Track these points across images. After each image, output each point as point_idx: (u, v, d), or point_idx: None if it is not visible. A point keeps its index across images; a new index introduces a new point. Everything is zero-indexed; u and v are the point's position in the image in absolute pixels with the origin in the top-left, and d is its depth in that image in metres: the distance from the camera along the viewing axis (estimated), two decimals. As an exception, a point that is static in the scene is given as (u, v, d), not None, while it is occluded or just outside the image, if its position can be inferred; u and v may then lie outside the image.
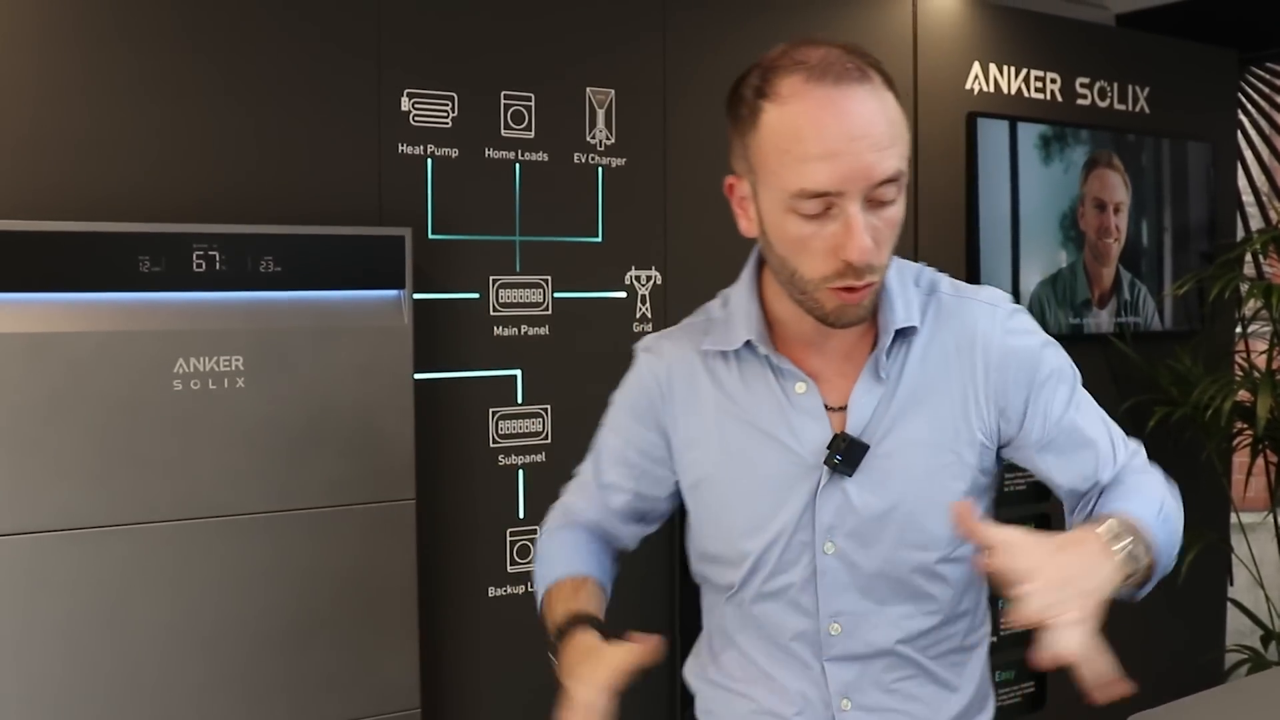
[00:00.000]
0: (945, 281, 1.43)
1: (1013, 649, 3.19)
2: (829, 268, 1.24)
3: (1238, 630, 3.82)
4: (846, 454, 1.33)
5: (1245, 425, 3.45)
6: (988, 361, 1.37)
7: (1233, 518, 3.91)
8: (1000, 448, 1.40)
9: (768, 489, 1.37)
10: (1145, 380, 3.44)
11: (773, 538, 1.37)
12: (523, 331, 2.56)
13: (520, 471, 2.58)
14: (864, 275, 1.24)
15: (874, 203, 1.23)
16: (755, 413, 1.38)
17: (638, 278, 2.69)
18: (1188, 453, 3.38)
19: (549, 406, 2.60)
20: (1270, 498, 3.70)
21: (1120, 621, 1.34)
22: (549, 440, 2.60)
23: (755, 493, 1.38)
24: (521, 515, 2.58)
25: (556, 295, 2.60)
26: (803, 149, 1.21)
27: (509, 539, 2.58)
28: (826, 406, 1.36)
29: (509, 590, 2.58)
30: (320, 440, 2.19)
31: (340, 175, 2.34)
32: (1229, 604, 3.87)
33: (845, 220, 1.22)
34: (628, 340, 2.66)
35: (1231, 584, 3.96)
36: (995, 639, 3.20)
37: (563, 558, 1.51)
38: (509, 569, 2.58)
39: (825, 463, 1.34)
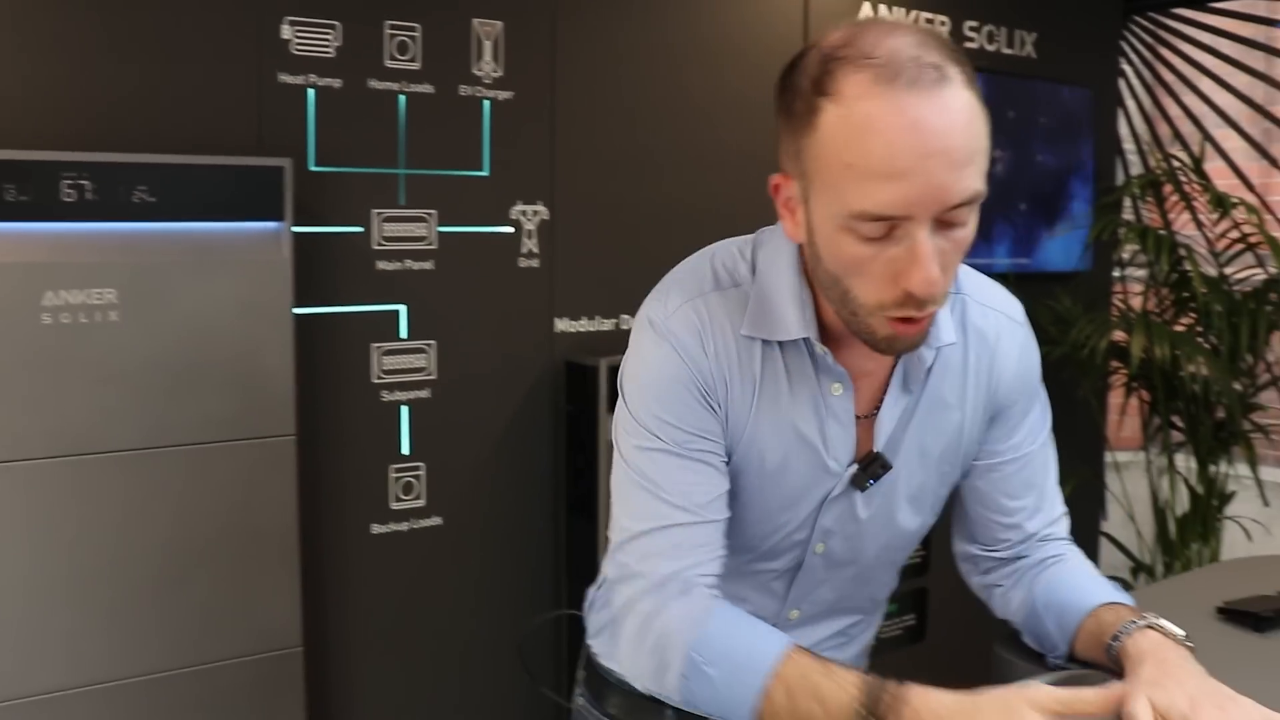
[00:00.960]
0: (968, 281, 1.34)
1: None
2: (888, 295, 1.10)
3: (1110, 564, 3.98)
4: (878, 473, 1.29)
5: (1120, 365, 3.58)
6: (1000, 380, 1.34)
7: (1107, 456, 4.07)
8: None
9: (789, 491, 1.30)
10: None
11: (774, 530, 1.33)
12: (407, 266, 2.55)
13: (404, 408, 2.58)
14: (926, 306, 1.10)
15: (945, 224, 1.07)
16: (794, 410, 1.26)
17: (524, 213, 2.70)
18: (1066, 391, 3.50)
19: (434, 342, 2.61)
20: (1143, 436, 3.86)
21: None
22: (434, 376, 2.61)
23: (776, 492, 1.30)
24: (405, 451, 2.59)
25: (441, 230, 2.59)
26: (867, 165, 1.04)
27: (392, 475, 2.59)
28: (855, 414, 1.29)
29: (392, 527, 2.60)
30: (197, 375, 2.17)
31: (217, 104, 2.30)
32: (1102, 538, 4.04)
33: (911, 246, 1.06)
34: (514, 276, 2.70)
35: (1105, 519, 4.13)
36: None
37: (749, 629, 1.20)
38: (392, 506, 2.59)
39: (853, 482, 1.29)
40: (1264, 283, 3.47)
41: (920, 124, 1.02)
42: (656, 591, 1.20)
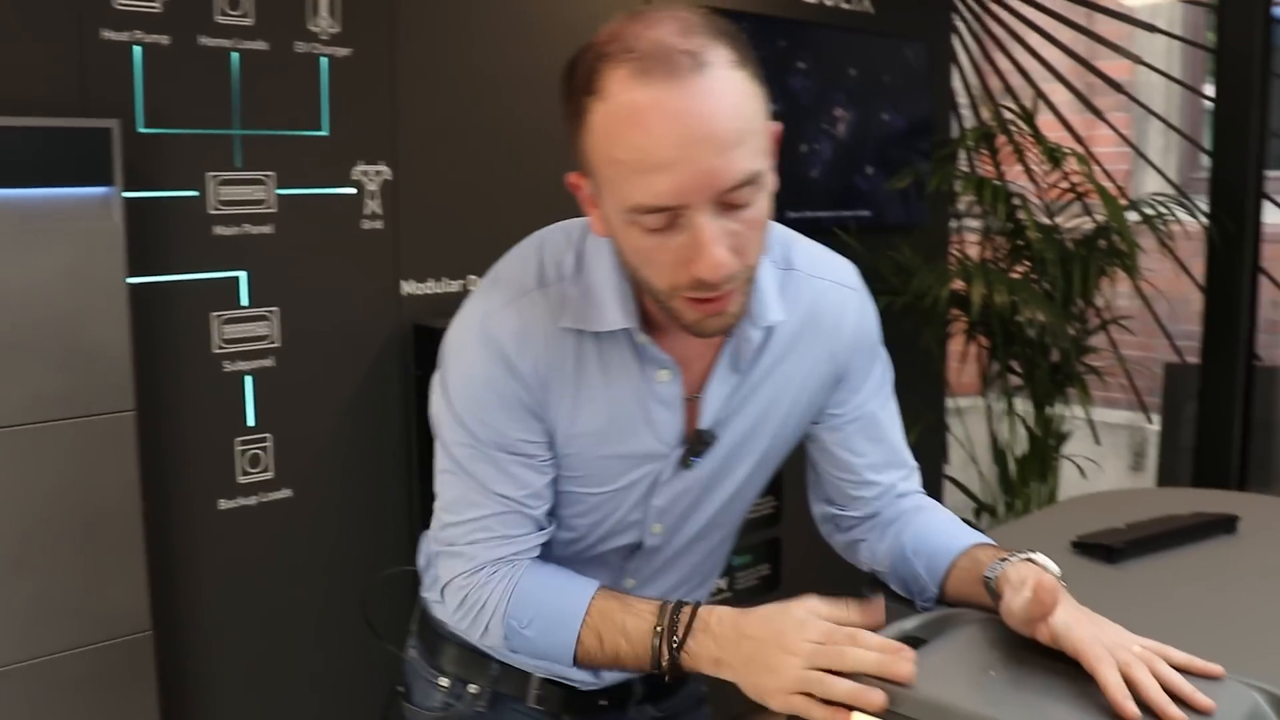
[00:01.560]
0: (798, 252, 1.37)
1: (749, 533, 3.35)
2: (681, 280, 1.13)
3: (954, 505, 4.10)
4: (697, 453, 1.34)
5: (961, 313, 3.69)
6: (837, 348, 1.38)
7: (949, 402, 4.20)
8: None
9: (618, 479, 1.34)
10: (869, 270, 3.60)
11: (605, 517, 1.38)
12: (246, 231, 2.47)
13: (248, 378, 2.51)
14: (721, 286, 1.13)
15: (728, 207, 1.10)
16: (618, 401, 1.29)
17: (366, 173, 2.64)
18: (908, 340, 3.59)
19: (276, 309, 2.53)
20: (981, 382, 3.99)
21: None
22: (278, 344, 2.54)
23: (602, 480, 1.34)
24: (251, 423, 2.52)
25: (281, 192, 2.51)
26: (632, 159, 1.07)
27: (238, 449, 2.51)
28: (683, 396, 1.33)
29: (240, 502, 2.52)
30: (25, 351, 2.07)
31: (36, 63, 2.18)
32: (946, 481, 4.17)
33: (694, 234, 1.09)
34: (357, 238, 2.63)
35: (948, 463, 4.27)
36: (731, 527, 3.36)
37: (555, 588, 1.31)
38: (239, 480, 2.52)
39: (681, 461, 1.34)
40: (1093, 230, 3.61)
41: (680, 113, 1.05)
42: (475, 573, 1.30)
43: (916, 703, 1.07)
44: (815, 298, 1.36)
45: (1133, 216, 3.58)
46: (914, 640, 1.19)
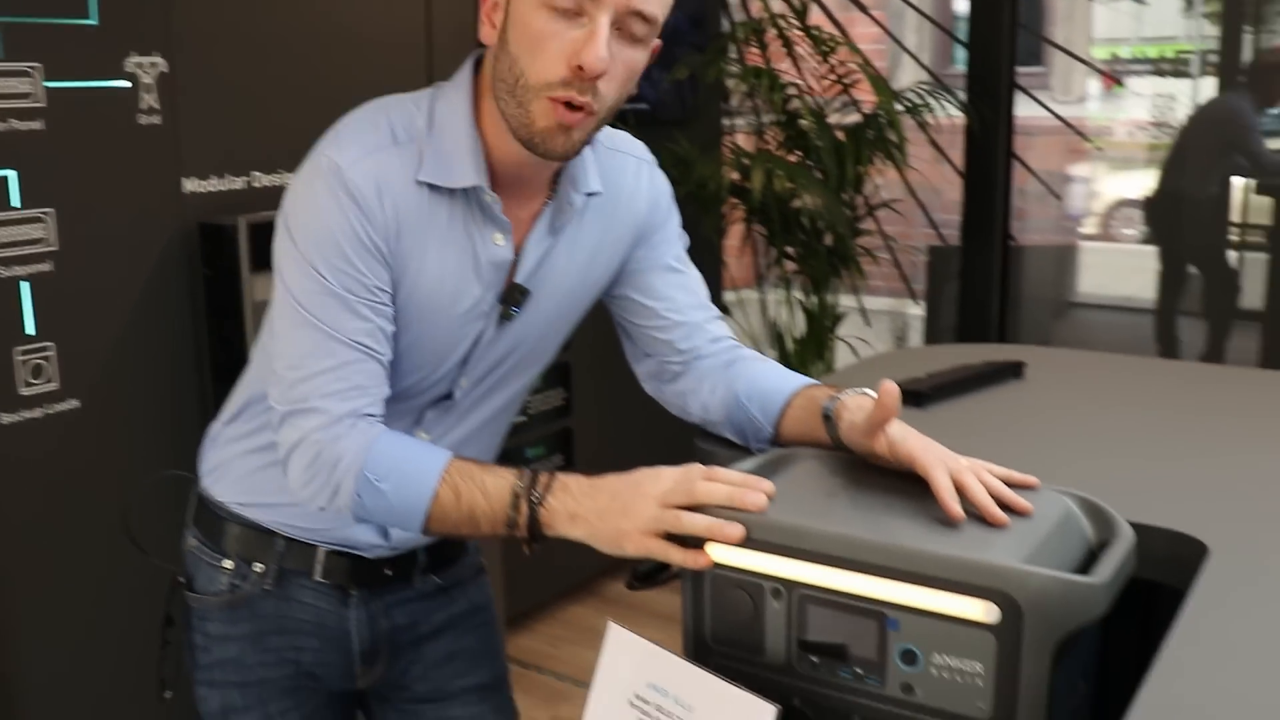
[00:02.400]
0: (600, 132, 1.44)
1: (541, 426, 3.44)
2: (558, 73, 1.24)
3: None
4: (515, 304, 1.43)
5: (738, 202, 3.81)
6: (636, 214, 1.50)
7: (730, 294, 4.34)
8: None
9: (447, 333, 1.41)
10: (650, 164, 3.69)
11: (430, 373, 1.44)
12: (12, 127, 2.33)
13: (24, 284, 2.38)
14: (587, 94, 1.25)
15: (621, 32, 1.24)
16: (456, 256, 1.38)
17: (140, 65, 2.52)
18: (689, 229, 3.67)
19: (52, 210, 2.41)
20: (756, 271, 4.14)
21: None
22: (55, 248, 2.42)
23: (435, 335, 1.41)
24: (30, 331, 2.40)
25: (49, 85, 2.38)
26: None
27: (18, 359, 2.39)
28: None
29: (23, 415, 2.41)
30: None
31: None
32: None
33: (592, 30, 1.22)
34: (135, 134, 2.52)
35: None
36: (526, 418, 3.42)
37: (414, 447, 1.36)
38: (21, 392, 2.40)
39: (502, 316, 1.43)
40: (865, 118, 3.77)
41: None
42: (331, 426, 1.31)
43: (765, 528, 1.14)
44: (616, 169, 1.48)
45: (895, 108, 3.75)
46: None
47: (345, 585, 1.55)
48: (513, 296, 1.43)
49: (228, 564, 1.55)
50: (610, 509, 1.23)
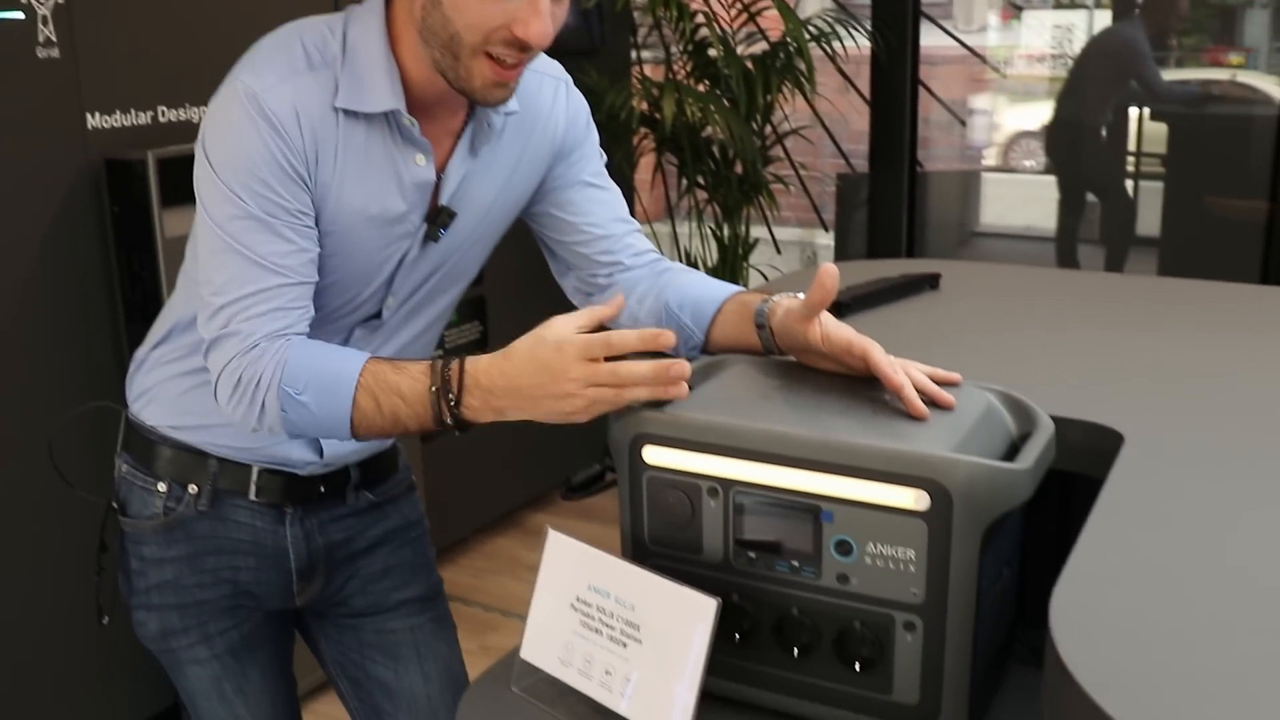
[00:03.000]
0: None
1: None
2: (498, 35, 1.26)
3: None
4: (443, 225, 1.44)
5: (649, 131, 3.81)
6: (554, 132, 1.51)
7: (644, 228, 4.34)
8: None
9: (371, 256, 1.42)
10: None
11: (356, 294, 1.45)
12: (-95, 60, 2.26)
13: (-76, 222, 2.32)
14: (527, 53, 1.29)
15: None
16: (379, 181, 1.39)
17: (37, -5, 2.44)
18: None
19: (-51, 146, 2.34)
20: (667, 203, 4.15)
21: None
22: (-46, 185, 2.35)
23: (359, 258, 1.42)
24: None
25: (-58, 16, 2.30)
26: None
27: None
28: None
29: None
30: None
31: None
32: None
33: (533, 1, 1.25)
34: (34, 69, 2.45)
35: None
36: (441, 352, 3.41)
37: (326, 356, 1.34)
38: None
39: (427, 236, 1.44)
40: (772, 46, 3.78)
41: None
42: (249, 351, 1.31)
43: (700, 428, 1.16)
44: (534, 89, 1.50)
45: (803, 35, 3.77)
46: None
47: (280, 503, 1.56)
48: (439, 218, 1.44)
49: (161, 487, 1.55)
50: (536, 393, 1.22)
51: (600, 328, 1.25)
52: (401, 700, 1.69)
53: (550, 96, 1.52)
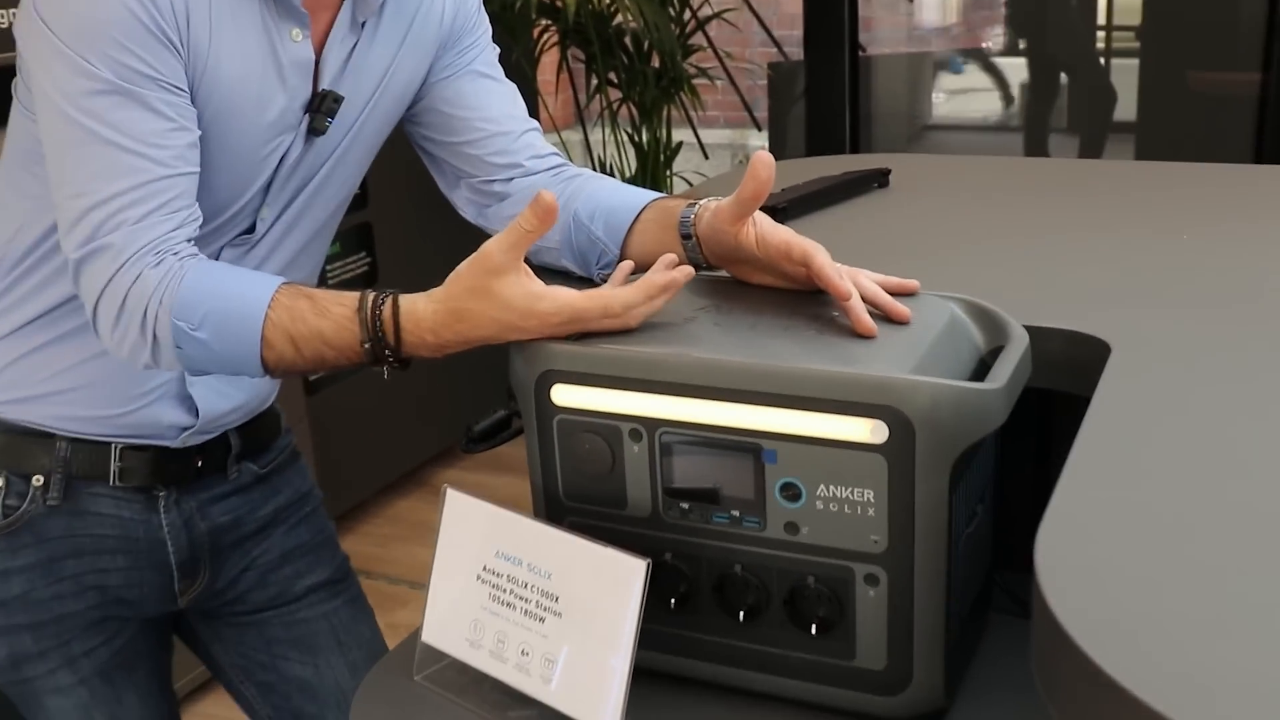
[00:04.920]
0: None
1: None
2: None
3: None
4: (330, 113, 1.39)
5: (550, 23, 3.74)
6: (443, 15, 1.48)
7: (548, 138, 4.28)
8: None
9: (250, 153, 1.36)
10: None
11: (230, 200, 1.37)
12: None
13: None
14: None
15: None
16: (250, 54, 1.32)
17: None
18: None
19: None
20: (576, 108, 4.08)
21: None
22: None
23: (237, 155, 1.35)
24: None
25: None
26: None
27: None
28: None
29: None
30: None
31: None
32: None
33: None
34: None
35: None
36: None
37: (228, 279, 1.27)
38: None
39: (313, 127, 1.39)
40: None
41: None
42: (133, 264, 1.21)
43: (616, 361, 1.12)
44: None
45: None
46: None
47: (150, 485, 1.48)
48: (324, 104, 1.38)
49: None
50: (499, 338, 1.18)
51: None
52: (328, 697, 1.64)
53: None
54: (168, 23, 1.24)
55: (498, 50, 1.57)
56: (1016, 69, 4.82)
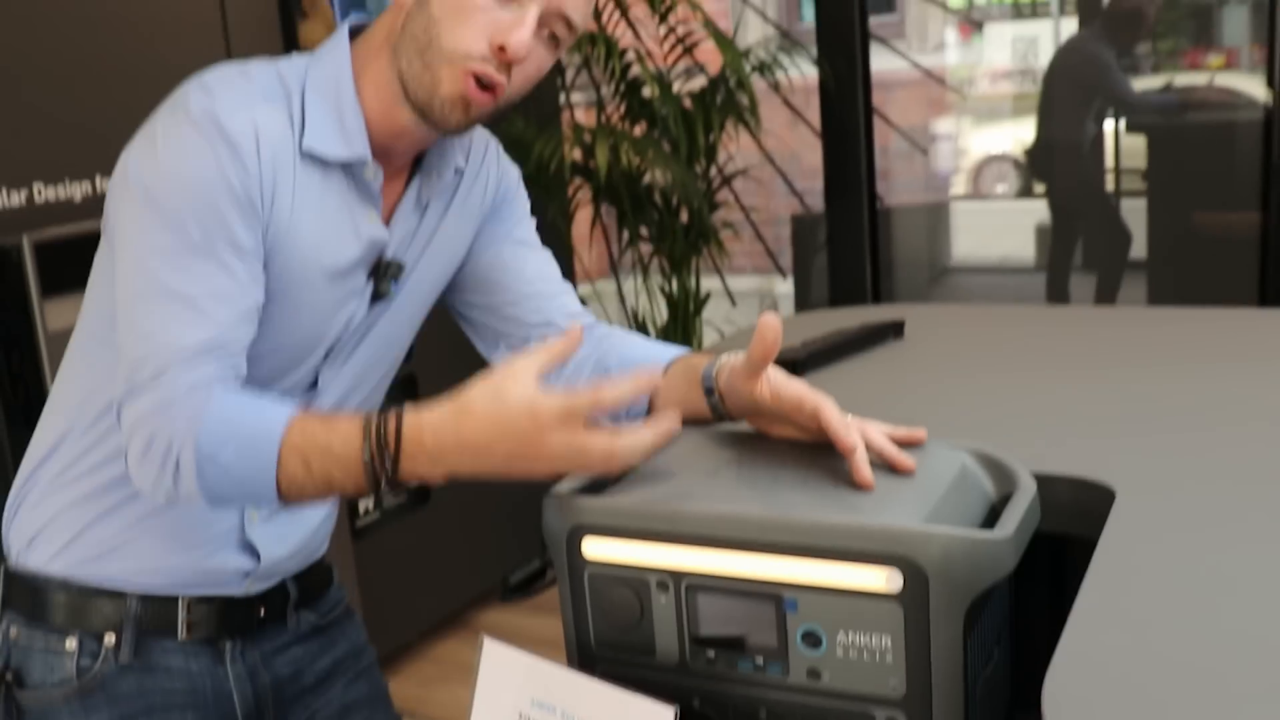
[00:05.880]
0: None
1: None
2: (478, 46, 1.29)
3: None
4: (395, 277, 1.45)
5: (585, 182, 3.82)
6: (487, 192, 1.54)
7: (584, 287, 4.34)
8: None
9: (319, 313, 1.40)
10: (484, 149, 3.68)
11: (295, 359, 1.41)
12: None
13: None
14: (502, 73, 1.31)
15: (543, 29, 1.32)
16: (332, 234, 1.37)
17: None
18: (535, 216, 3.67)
19: None
20: (610, 258, 4.15)
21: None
22: None
23: (305, 316, 1.38)
24: None
25: None
26: None
27: None
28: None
29: None
30: None
31: None
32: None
33: (521, 14, 1.29)
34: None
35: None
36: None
37: (249, 408, 1.27)
38: None
39: (379, 294, 1.44)
40: (712, 81, 3.80)
41: None
42: (171, 405, 1.23)
43: (644, 515, 1.14)
44: (472, 147, 1.52)
45: (744, 67, 3.80)
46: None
47: (216, 638, 1.48)
48: (389, 271, 1.43)
49: (69, 644, 1.42)
50: (503, 458, 1.17)
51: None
52: None
53: (483, 155, 1.54)
54: (254, 190, 1.29)
55: (535, 220, 1.61)
56: (1034, 212, 4.87)
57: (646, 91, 3.76)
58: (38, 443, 1.48)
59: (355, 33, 1.40)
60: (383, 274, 1.43)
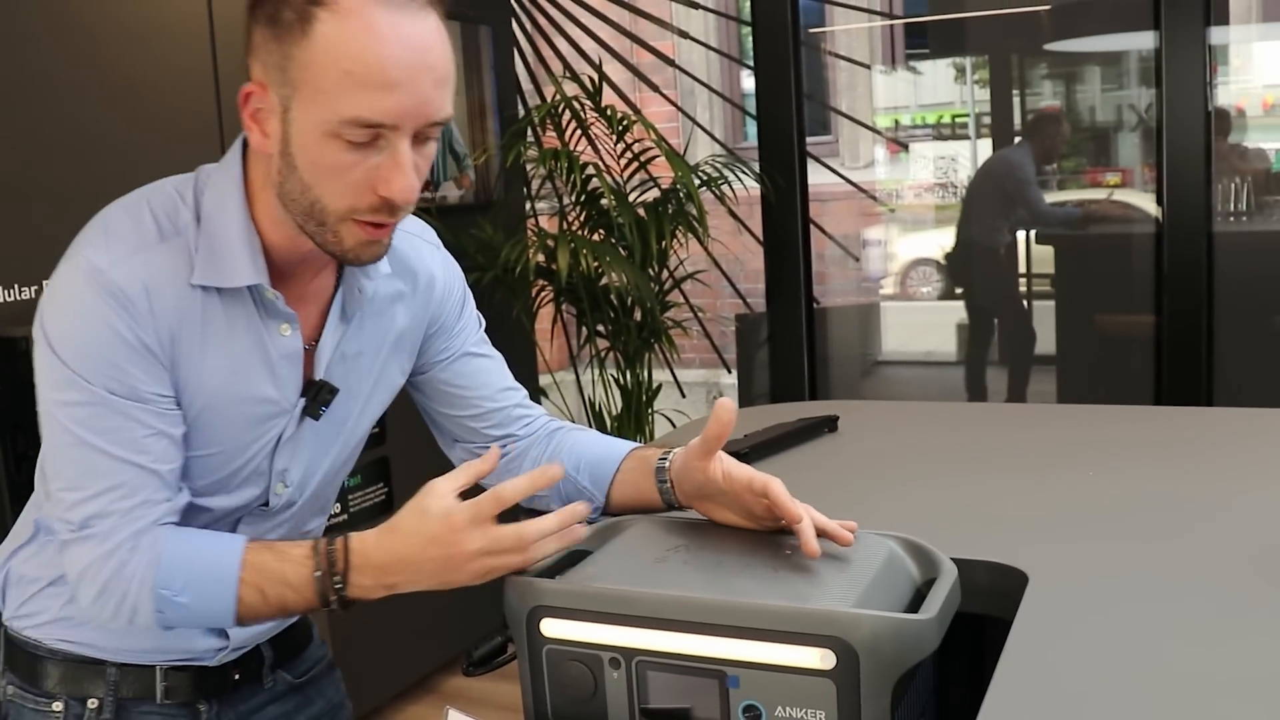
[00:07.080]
0: None
1: (365, 523, 3.33)
2: (362, 201, 1.19)
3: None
4: (324, 402, 1.36)
5: (546, 283, 3.84)
6: (429, 300, 1.45)
7: (544, 377, 4.34)
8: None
9: (242, 437, 1.33)
10: (454, 249, 3.66)
11: (227, 479, 1.34)
12: None
13: None
14: (397, 213, 1.21)
15: (420, 140, 1.19)
16: (243, 357, 1.29)
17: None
18: (500, 316, 3.68)
19: None
20: (569, 352, 4.16)
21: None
22: None
23: (229, 440, 1.32)
24: None
25: None
26: (365, 73, 1.13)
27: None
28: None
29: None
30: None
31: None
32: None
33: (394, 155, 1.17)
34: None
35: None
36: (347, 517, 3.34)
37: (201, 549, 1.25)
38: None
39: (306, 413, 1.35)
40: (664, 193, 3.85)
41: (412, 40, 1.14)
42: (115, 553, 1.21)
43: (597, 597, 1.14)
44: (407, 252, 1.43)
45: (693, 181, 3.85)
46: (583, 553, 1.27)
47: (193, 700, 1.44)
48: (320, 395, 1.36)
49: (56, 707, 1.41)
50: (431, 568, 1.19)
51: (478, 489, 1.22)
52: None
53: (425, 259, 1.46)
54: (150, 338, 1.22)
55: (483, 323, 1.56)
56: (956, 310, 4.93)
57: (605, 202, 3.80)
58: (17, 528, 1.44)
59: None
60: (313, 396, 1.35)
